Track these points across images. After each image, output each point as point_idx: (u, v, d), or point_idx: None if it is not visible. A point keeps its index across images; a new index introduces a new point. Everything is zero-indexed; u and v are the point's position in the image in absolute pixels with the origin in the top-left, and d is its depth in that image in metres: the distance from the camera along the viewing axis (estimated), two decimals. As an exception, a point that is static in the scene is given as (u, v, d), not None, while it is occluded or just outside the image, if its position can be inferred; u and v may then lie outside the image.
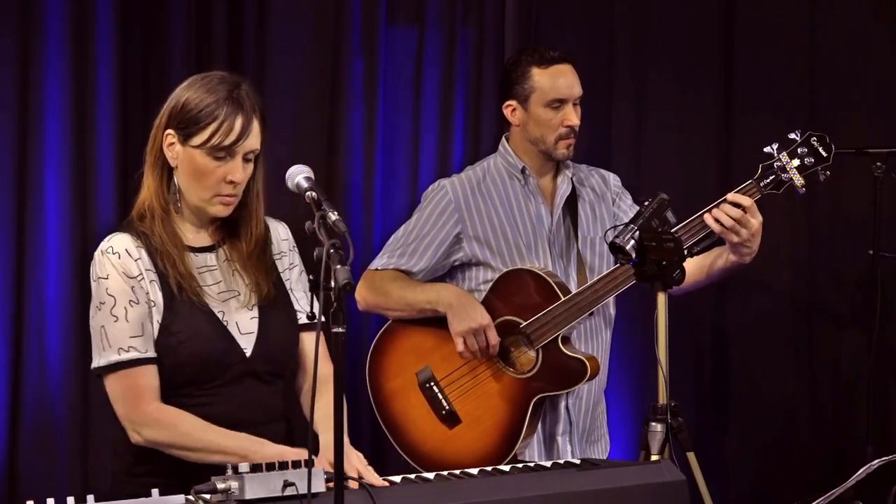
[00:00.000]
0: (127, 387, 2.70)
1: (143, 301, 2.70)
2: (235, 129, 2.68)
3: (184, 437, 2.67)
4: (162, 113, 2.75)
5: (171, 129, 2.72)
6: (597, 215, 3.69)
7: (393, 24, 4.29)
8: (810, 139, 3.42)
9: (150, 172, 2.76)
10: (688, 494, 2.76)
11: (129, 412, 2.71)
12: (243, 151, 2.71)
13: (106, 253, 2.72)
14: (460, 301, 3.51)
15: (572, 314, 3.47)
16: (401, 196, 4.31)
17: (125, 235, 2.74)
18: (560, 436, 3.62)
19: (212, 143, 2.68)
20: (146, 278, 2.71)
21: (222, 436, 2.66)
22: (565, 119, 3.58)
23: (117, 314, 2.68)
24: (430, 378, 3.57)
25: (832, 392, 4.64)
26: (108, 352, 2.69)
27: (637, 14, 4.61)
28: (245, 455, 2.59)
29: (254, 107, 2.72)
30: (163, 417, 2.69)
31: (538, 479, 2.67)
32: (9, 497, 3.70)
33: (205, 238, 2.82)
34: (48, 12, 3.76)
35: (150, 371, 2.70)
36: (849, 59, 4.59)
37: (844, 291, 4.63)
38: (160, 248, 2.72)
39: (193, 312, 2.72)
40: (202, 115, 2.68)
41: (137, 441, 2.70)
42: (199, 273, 2.77)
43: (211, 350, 2.72)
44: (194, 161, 2.70)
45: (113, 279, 2.69)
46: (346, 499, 2.27)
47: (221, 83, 2.72)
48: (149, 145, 2.77)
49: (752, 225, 3.36)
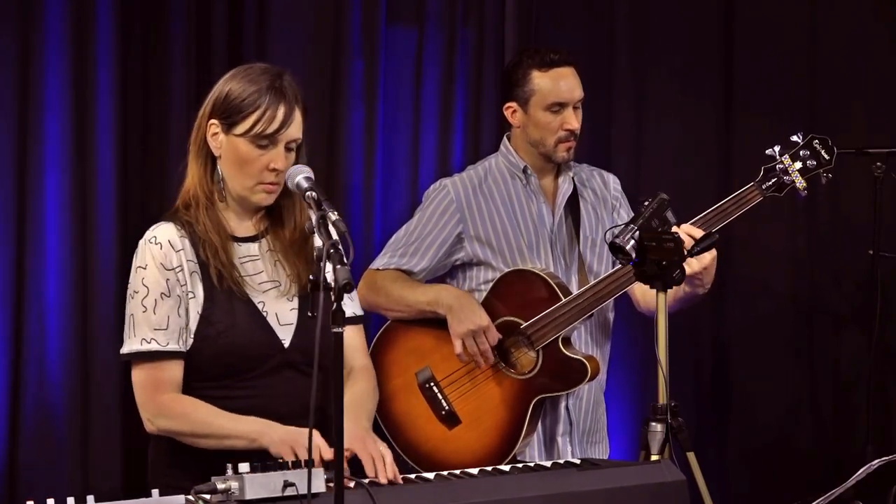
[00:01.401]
0: (146, 377, 2.75)
1: (178, 294, 2.74)
2: (278, 117, 2.74)
3: (195, 425, 2.71)
4: (206, 103, 2.80)
5: (214, 119, 2.78)
6: (598, 216, 3.69)
7: (393, 24, 4.29)
8: (812, 142, 3.42)
9: (195, 162, 2.82)
10: (688, 494, 2.76)
11: (144, 402, 2.76)
12: (285, 140, 2.76)
13: (149, 242, 2.77)
14: (460, 303, 3.51)
15: (573, 315, 3.47)
16: (401, 196, 4.31)
17: (170, 225, 2.79)
18: (560, 436, 3.62)
19: (255, 131, 2.73)
20: (186, 269, 2.75)
21: (232, 420, 2.69)
22: (565, 123, 3.58)
23: (147, 305, 2.73)
24: (429, 378, 3.57)
25: (832, 392, 4.64)
26: (131, 340, 2.75)
27: (637, 14, 4.61)
28: (255, 438, 2.63)
29: (296, 96, 2.78)
30: (175, 407, 2.73)
31: (538, 479, 2.67)
32: (9, 497, 3.70)
33: (248, 227, 2.86)
34: (48, 12, 3.75)
35: (170, 364, 2.74)
36: (849, 59, 4.59)
37: (844, 291, 4.63)
38: (203, 237, 2.77)
39: (233, 303, 2.76)
40: (245, 103, 2.74)
41: (152, 430, 2.76)
42: (242, 263, 2.81)
43: (249, 341, 2.74)
44: (238, 149, 2.75)
45: (150, 270, 2.74)
46: (346, 499, 2.27)
47: (264, 73, 2.78)
48: (192, 135, 2.82)
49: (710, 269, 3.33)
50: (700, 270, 3.33)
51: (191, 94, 3.91)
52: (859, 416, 4.45)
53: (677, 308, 3.45)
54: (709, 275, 3.37)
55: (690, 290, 3.41)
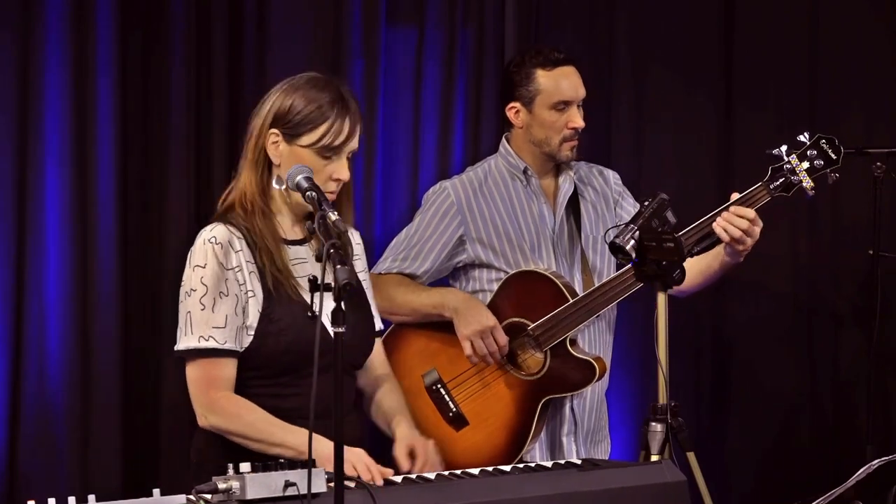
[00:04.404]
0: (202, 374, 2.82)
1: (235, 293, 2.81)
2: (344, 130, 2.85)
3: (246, 427, 2.79)
4: (265, 114, 2.88)
5: (275, 129, 2.85)
6: (599, 214, 3.69)
7: (393, 24, 4.29)
8: (819, 141, 3.42)
9: (252, 168, 2.89)
10: (688, 494, 2.76)
11: (199, 397, 2.83)
12: (348, 151, 2.86)
13: (209, 242, 2.83)
14: (466, 305, 3.51)
15: (581, 316, 3.47)
16: (401, 196, 4.30)
17: (227, 226, 2.85)
18: (565, 436, 3.62)
19: (322, 143, 2.84)
20: (245, 269, 2.83)
21: (284, 430, 2.78)
22: (570, 121, 3.58)
23: (205, 303, 2.79)
24: (436, 380, 3.56)
25: (832, 392, 4.64)
26: (188, 338, 2.81)
27: (637, 14, 4.60)
28: (303, 451, 2.63)
29: (357, 109, 2.89)
30: (229, 406, 2.81)
31: (539, 479, 2.67)
32: (9, 497, 3.70)
33: (298, 232, 2.94)
34: (48, 13, 3.75)
35: (225, 362, 2.82)
36: (849, 59, 4.59)
37: (844, 291, 4.63)
38: (259, 243, 2.84)
39: (290, 303, 2.84)
40: (312, 116, 2.84)
41: (204, 425, 2.83)
42: (293, 265, 2.89)
43: (306, 339, 2.78)
44: (302, 159, 2.83)
45: (210, 269, 2.80)
46: (347, 499, 2.27)
47: (327, 86, 2.88)
48: (250, 143, 2.90)
49: (756, 234, 3.37)
50: (751, 244, 3.34)
51: (191, 94, 3.91)
52: (859, 416, 4.45)
53: (718, 277, 3.53)
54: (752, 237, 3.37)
55: (732, 259, 3.43)
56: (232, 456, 2.72)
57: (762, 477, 4.62)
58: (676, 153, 4.63)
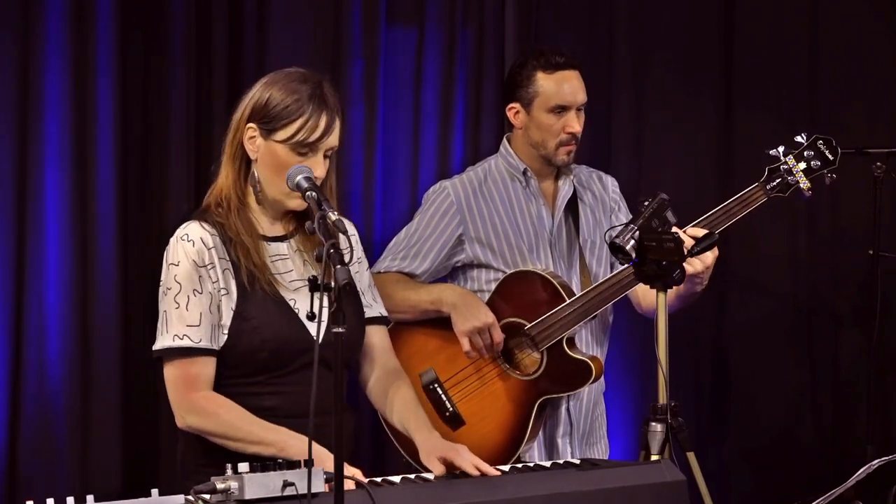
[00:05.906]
0: (179, 373, 2.77)
1: (210, 291, 2.76)
2: (320, 126, 2.76)
3: (225, 427, 2.73)
4: (243, 107, 2.82)
5: (252, 123, 2.79)
6: (597, 219, 3.69)
7: (393, 24, 4.29)
8: (816, 142, 3.42)
9: (229, 164, 2.84)
10: (688, 494, 2.76)
11: (177, 398, 2.77)
12: (325, 148, 2.78)
13: (181, 240, 2.79)
14: (464, 300, 3.51)
15: (578, 316, 3.47)
16: (401, 196, 4.30)
17: (201, 223, 2.80)
18: (560, 438, 3.62)
19: (297, 139, 2.76)
20: (219, 267, 2.77)
21: (263, 428, 2.72)
22: (567, 125, 3.58)
23: (179, 301, 2.76)
24: (433, 380, 3.56)
25: (832, 392, 4.64)
26: (164, 337, 2.78)
27: (637, 14, 4.61)
28: (282, 448, 2.66)
29: (336, 105, 2.80)
30: (207, 406, 2.76)
31: (538, 479, 2.67)
32: (9, 497, 3.70)
33: (278, 228, 2.89)
34: (48, 13, 3.75)
35: (202, 361, 2.77)
36: (849, 59, 4.59)
37: (844, 291, 4.64)
38: (234, 238, 2.79)
39: (266, 300, 2.79)
40: (287, 111, 2.76)
41: (182, 426, 2.78)
42: (273, 261, 2.84)
43: (283, 336, 2.77)
44: (276, 155, 2.77)
45: (183, 267, 2.76)
46: (346, 499, 2.27)
47: (306, 81, 2.80)
48: (228, 137, 2.84)
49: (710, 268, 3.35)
50: (702, 270, 3.33)
51: (191, 94, 3.92)
52: (859, 416, 4.45)
53: (677, 306, 3.45)
54: (708, 273, 3.38)
55: (689, 287, 3.41)
56: (211, 457, 2.73)
57: (762, 477, 4.62)
58: (676, 153, 4.63)
